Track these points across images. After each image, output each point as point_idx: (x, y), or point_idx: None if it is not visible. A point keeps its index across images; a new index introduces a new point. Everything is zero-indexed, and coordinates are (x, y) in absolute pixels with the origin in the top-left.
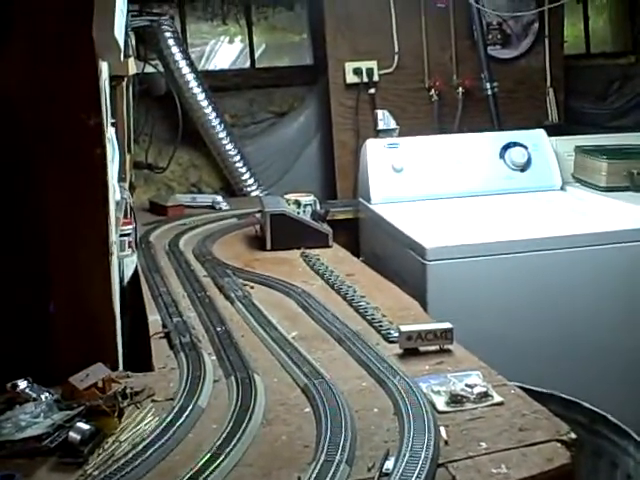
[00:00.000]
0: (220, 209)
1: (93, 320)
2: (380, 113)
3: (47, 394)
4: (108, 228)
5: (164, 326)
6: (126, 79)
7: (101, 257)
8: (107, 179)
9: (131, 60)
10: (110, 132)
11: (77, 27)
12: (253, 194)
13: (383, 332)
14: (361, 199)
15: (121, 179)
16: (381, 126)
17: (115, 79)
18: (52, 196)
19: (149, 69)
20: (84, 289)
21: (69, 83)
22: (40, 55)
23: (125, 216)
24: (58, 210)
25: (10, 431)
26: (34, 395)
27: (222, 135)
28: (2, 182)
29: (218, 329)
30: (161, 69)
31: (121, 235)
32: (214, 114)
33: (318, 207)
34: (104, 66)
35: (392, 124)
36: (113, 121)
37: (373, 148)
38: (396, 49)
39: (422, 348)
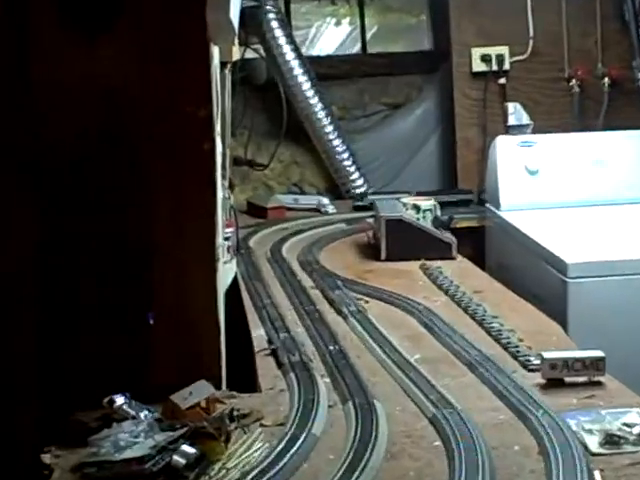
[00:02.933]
0: (326, 212)
1: (196, 333)
2: (511, 106)
3: (146, 412)
4: (215, 231)
5: (270, 342)
6: (229, 65)
7: (207, 263)
8: (215, 177)
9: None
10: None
11: (189, 8)
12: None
13: (521, 359)
14: (488, 205)
15: (222, 177)
16: (512, 121)
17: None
18: (158, 196)
19: (248, 54)
20: (187, 298)
21: (178, 71)
22: (149, 41)
23: (225, 218)
24: (164, 212)
25: (109, 450)
26: (133, 413)
27: (329, 129)
28: (105, 183)
29: (330, 348)
30: (263, 54)
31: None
32: (320, 105)
33: (439, 213)
34: (215, 51)
35: (525, 119)
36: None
37: (504, 146)
38: (531, 33)
39: (568, 379)
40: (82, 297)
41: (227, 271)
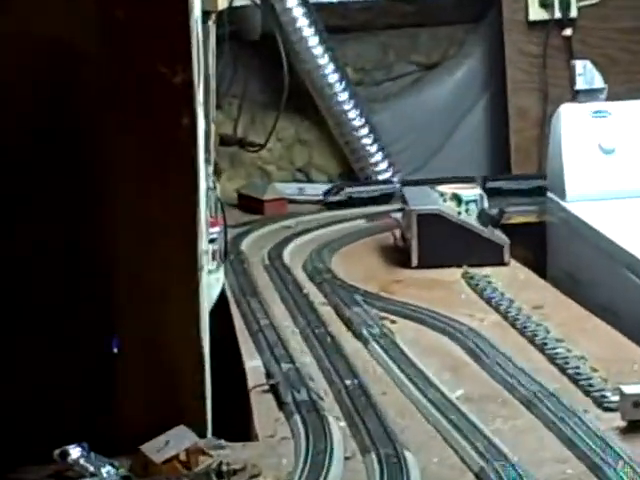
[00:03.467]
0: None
1: (173, 366)
2: (580, 66)
3: (110, 468)
4: (197, 232)
5: (269, 375)
6: (213, 17)
7: (186, 275)
8: (197, 162)
9: None
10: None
11: None
12: (385, 183)
13: (594, 394)
14: (551, 194)
15: (206, 161)
16: (581, 85)
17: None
18: (120, 190)
19: (239, 1)
20: (161, 321)
21: (147, 22)
22: None
23: (210, 214)
24: (128, 211)
25: None
26: (91, 469)
27: (343, 97)
28: (56, 162)
29: (347, 382)
30: (257, 1)
31: None
32: (332, 66)
33: (487, 205)
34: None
35: (598, 82)
36: None
37: (570, 118)
38: None
39: None
40: (22, 324)
41: (212, 284)
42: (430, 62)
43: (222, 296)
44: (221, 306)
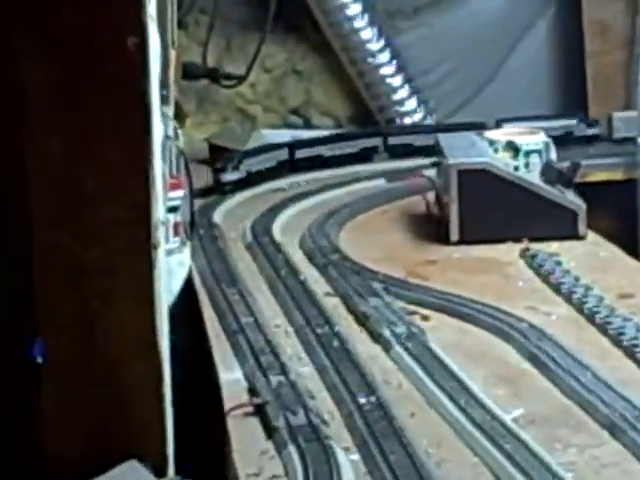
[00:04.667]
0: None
1: (121, 380)
2: None
3: None
4: (149, 196)
5: (253, 392)
6: None
7: (136, 256)
8: (149, 97)
9: None
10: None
11: None
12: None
13: None
14: None
15: (162, 100)
16: None
17: None
18: (40, 138)
19: None
20: (103, 320)
21: None
22: None
23: (170, 173)
24: (51, 167)
25: None
26: None
27: (354, 10)
28: None
29: (362, 401)
30: None
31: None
32: None
33: (554, 157)
34: None
35: None
36: None
37: None
38: None
39: None
40: None
41: (174, 269)
42: None
43: (188, 285)
44: (187, 299)
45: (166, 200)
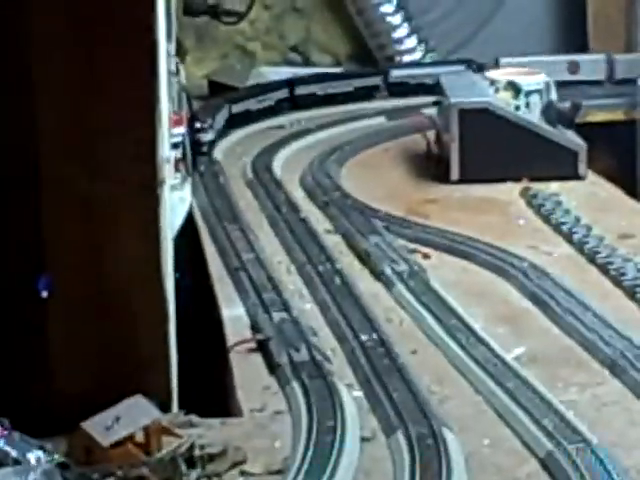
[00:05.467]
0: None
1: (127, 314)
2: None
3: (39, 453)
4: (156, 131)
5: (255, 328)
6: None
7: (141, 190)
8: (154, 36)
9: None
10: None
11: None
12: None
13: None
14: None
15: (167, 35)
16: None
17: None
18: (44, 73)
19: None
20: (110, 253)
21: None
22: None
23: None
24: (55, 102)
25: None
26: (14, 454)
27: None
28: None
29: (364, 338)
30: None
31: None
32: None
33: (555, 97)
34: None
35: None
36: None
37: None
38: None
39: None
40: None
41: (175, 205)
42: None
43: (189, 223)
44: (188, 236)
45: (169, 137)
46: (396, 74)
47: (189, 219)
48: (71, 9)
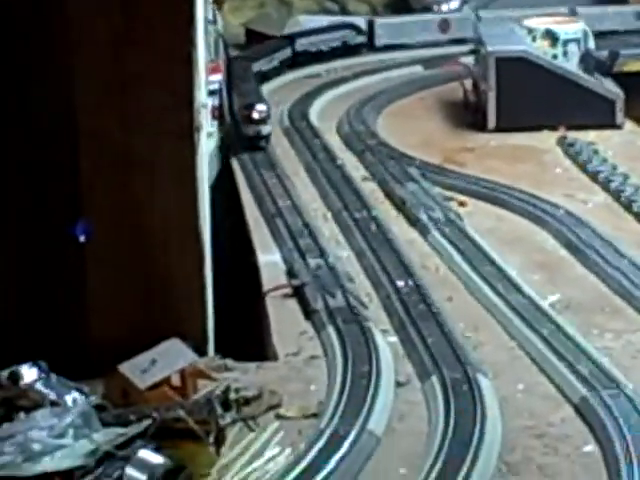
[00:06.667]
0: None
1: (163, 259)
2: None
3: (76, 394)
4: (193, 79)
5: (291, 274)
6: None
7: (178, 137)
8: None
9: None
10: None
11: None
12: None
13: None
14: None
15: None
16: None
17: None
18: (87, 18)
19: None
20: (145, 199)
21: None
22: None
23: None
24: (94, 57)
25: (13, 459)
26: (52, 396)
27: None
28: None
29: (399, 284)
30: None
31: None
32: None
33: (593, 46)
34: None
35: None
36: None
37: None
38: None
39: None
40: None
41: (212, 152)
42: None
43: (227, 169)
44: (226, 182)
45: (207, 85)
46: None
47: (227, 166)
48: None
